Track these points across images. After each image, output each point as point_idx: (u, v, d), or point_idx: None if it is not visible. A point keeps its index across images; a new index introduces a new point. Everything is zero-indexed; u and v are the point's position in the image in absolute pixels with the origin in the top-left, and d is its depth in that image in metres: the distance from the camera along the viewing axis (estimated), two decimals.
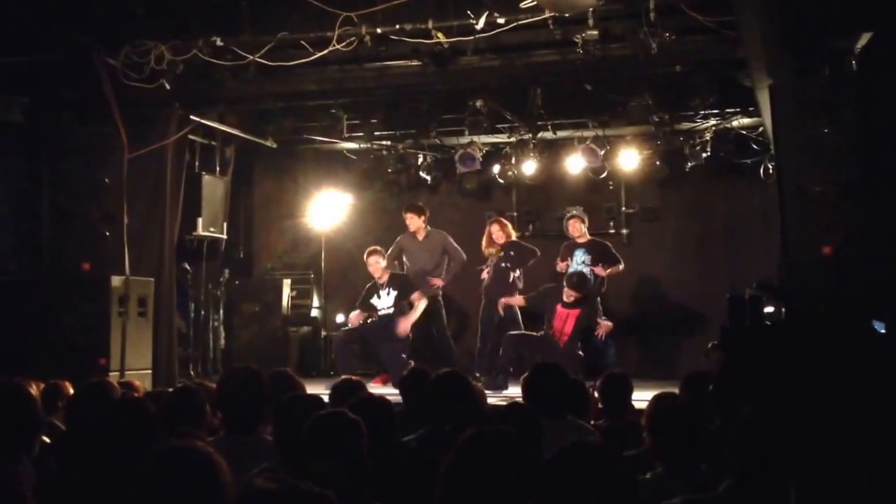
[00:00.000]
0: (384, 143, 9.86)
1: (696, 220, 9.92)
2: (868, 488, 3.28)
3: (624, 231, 9.99)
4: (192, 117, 8.34)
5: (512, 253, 8.50)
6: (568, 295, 7.85)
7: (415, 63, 7.29)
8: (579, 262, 8.54)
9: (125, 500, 2.38)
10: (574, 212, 9.01)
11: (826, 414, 4.02)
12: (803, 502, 2.54)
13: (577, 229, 8.68)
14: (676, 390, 4.31)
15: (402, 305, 8.20)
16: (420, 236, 8.78)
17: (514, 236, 8.63)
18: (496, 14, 6.72)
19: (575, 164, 9.47)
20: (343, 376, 4.81)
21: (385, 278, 8.24)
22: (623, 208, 10.05)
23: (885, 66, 5.46)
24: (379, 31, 6.95)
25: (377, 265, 8.24)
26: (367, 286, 8.38)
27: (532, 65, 7.26)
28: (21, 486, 2.17)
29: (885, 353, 4.52)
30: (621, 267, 8.59)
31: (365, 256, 8.34)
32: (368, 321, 8.20)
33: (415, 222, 8.71)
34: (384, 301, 8.22)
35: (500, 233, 8.53)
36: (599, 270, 8.46)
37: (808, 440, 3.22)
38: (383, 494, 2.72)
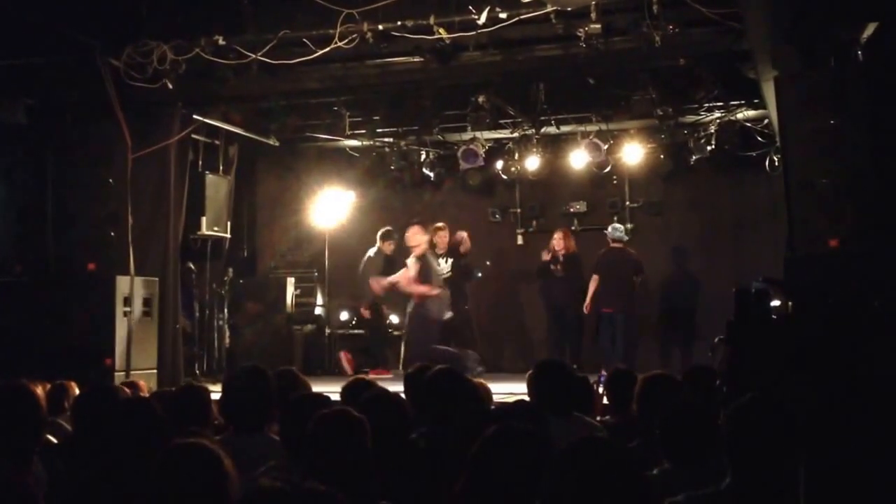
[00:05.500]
0: (387, 140, 9.86)
1: (701, 214, 9.89)
2: (876, 480, 3.26)
3: (628, 226, 9.96)
4: (195, 116, 8.35)
5: None
6: None
7: (417, 59, 7.27)
8: None
9: (132, 499, 2.38)
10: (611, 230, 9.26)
11: (833, 407, 4.00)
12: (812, 494, 2.51)
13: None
14: None
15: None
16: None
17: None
18: (498, 9, 6.70)
19: (578, 158, 9.45)
20: (353, 376, 4.79)
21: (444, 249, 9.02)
22: (627, 203, 10.03)
23: (891, 56, 5.42)
24: (381, 27, 6.93)
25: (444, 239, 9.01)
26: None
27: (534, 59, 7.23)
28: (32, 492, 2.17)
29: (892, 345, 4.49)
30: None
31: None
32: None
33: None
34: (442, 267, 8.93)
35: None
36: None
37: (816, 433, 3.19)
38: (390, 492, 2.71)
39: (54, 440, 3.66)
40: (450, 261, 9.05)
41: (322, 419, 2.72)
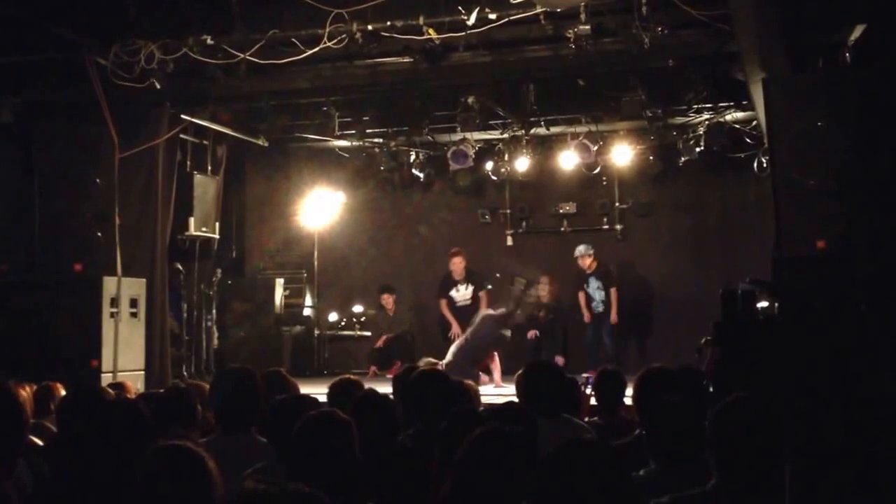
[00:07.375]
0: (376, 140, 9.84)
1: (690, 215, 9.92)
2: (860, 479, 3.28)
3: (618, 227, 9.99)
4: (183, 116, 8.31)
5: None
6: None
7: (406, 60, 7.27)
8: (594, 288, 9.25)
9: (117, 501, 2.37)
10: (581, 249, 9.30)
11: (819, 408, 4.02)
12: (797, 494, 2.52)
13: (585, 263, 9.26)
14: None
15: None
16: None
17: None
18: (487, 10, 6.70)
19: (568, 159, 9.46)
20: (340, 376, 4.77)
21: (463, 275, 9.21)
22: (616, 204, 10.05)
23: (879, 58, 5.45)
24: (370, 28, 6.92)
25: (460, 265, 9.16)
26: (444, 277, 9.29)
27: (524, 60, 7.24)
28: (8, 495, 2.15)
29: (878, 347, 4.52)
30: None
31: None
32: None
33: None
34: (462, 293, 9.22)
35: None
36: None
37: (801, 433, 3.21)
38: (377, 493, 2.70)
39: (39, 442, 3.63)
40: (470, 287, 9.23)
41: (308, 421, 2.71)
